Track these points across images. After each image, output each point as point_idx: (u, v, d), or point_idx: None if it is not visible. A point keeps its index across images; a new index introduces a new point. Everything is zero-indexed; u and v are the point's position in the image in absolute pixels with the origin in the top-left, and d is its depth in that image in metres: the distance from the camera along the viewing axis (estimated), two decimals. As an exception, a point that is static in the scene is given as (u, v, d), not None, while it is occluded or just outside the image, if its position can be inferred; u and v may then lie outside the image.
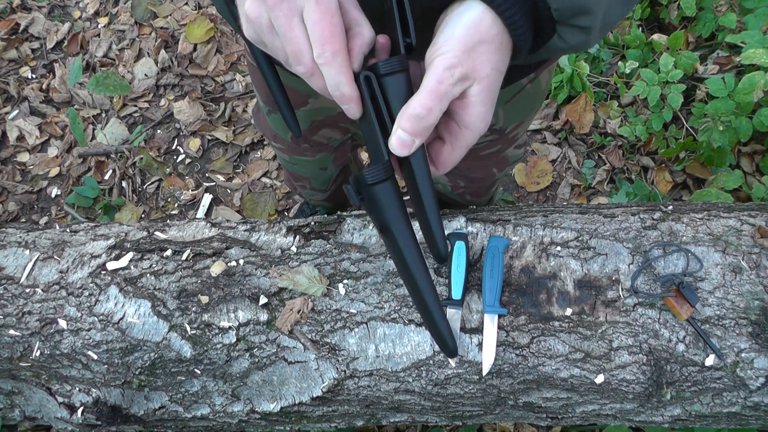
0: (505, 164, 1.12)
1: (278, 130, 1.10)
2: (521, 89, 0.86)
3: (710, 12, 1.75)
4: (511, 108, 0.90)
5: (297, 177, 1.33)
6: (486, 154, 1.04)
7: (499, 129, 0.95)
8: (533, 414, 0.96)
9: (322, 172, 1.27)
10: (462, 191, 1.20)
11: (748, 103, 1.45)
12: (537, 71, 0.84)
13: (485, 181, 1.18)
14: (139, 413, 0.98)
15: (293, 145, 1.12)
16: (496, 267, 0.88)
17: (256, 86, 1.02)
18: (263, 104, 1.03)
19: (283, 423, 1.00)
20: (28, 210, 2.01)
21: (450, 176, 1.14)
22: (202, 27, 2.18)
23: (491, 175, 1.16)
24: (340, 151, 1.19)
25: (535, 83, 0.88)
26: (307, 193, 1.45)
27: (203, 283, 0.94)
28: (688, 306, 0.84)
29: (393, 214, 0.54)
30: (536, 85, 0.88)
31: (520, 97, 0.88)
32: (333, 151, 1.16)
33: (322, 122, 0.98)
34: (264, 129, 1.16)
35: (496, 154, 1.05)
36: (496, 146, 1.02)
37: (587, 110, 1.85)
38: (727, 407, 0.88)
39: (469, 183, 1.16)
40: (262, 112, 1.11)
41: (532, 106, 0.94)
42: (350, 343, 0.90)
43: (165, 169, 2.00)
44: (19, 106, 2.16)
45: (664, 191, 1.73)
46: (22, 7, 2.38)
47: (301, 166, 1.23)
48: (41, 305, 0.96)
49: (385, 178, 0.52)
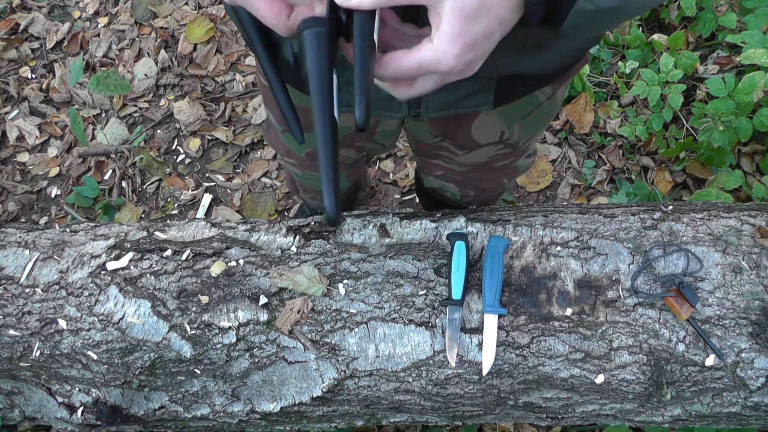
0: (515, 174, 1.12)
1: (292, 147, 1.09)
2: (538, 106, 0.85)
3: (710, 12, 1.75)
4: (526, 123, 0.89)
5: (308, 190, 1.32)
6: (498, 166, 1.03)
7: (513, 143, 0.95)
8: (533, 414, 0.96)
9: None
10: (471, 200, 1.20)
11: (748, 103, 1.45)
12: (554, 86, 0.83)
13: (495, 191, 1.18)
14: (139, 413, 0.98)
15: (307, 161, 1.11)
16: (496, 267, 0.88)
17: (268, 105, 1.01)
18: (277, 123, 1.02)
19: (283, 423, 1.00)
20: (28, 210, 2.00)
21: (460, 186, 1.14)
22: (202, 27, 2.18)
23: (501, 185, 1.15)
24: (354, 168, 1.19)
25: (552, 100, 0.86)
26: (316, 204, 1.45)
27: (203, 283, 0.94)
28: (688, 306, 0.84)
29: (313, 61, 0.52)
30: (553, 102, 0.87)
31: (537, 113, 0.87)
32: (347, 168, 1.16)
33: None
34: (276, 145, 1.15)
35: (508, 166, 1.05)
36: (508, 159, 1.01)
37: (587, 110, 1.85)
38: (727, 407, 0.88)
39: (479, 193, 1.16)
40: (273, 128, 1.10)
41: (547, 120, 0.93)
42: (350, 343, 0.90)
43: (165, 169, 2.00)
44: (19, 106, 2.16)
45: (664, 191, 1.73)
46: (22, 7, 2.38)
47: (314, 181, 1.22)
48: (41, 305, 0.96)
49: (314, 25, 0.49)
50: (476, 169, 1.04)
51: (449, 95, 0.72)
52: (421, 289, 0.91)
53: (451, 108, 0.75)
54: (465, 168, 1.04)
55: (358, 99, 0.44)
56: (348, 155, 1.06)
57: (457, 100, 0.73)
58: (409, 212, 1.02)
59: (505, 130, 0.90)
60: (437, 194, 1.28)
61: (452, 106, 0.74)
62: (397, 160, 1.94)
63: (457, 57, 0.44)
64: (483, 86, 0.72)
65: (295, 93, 0.78)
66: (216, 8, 2.28)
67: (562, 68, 0.75)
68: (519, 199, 1.85)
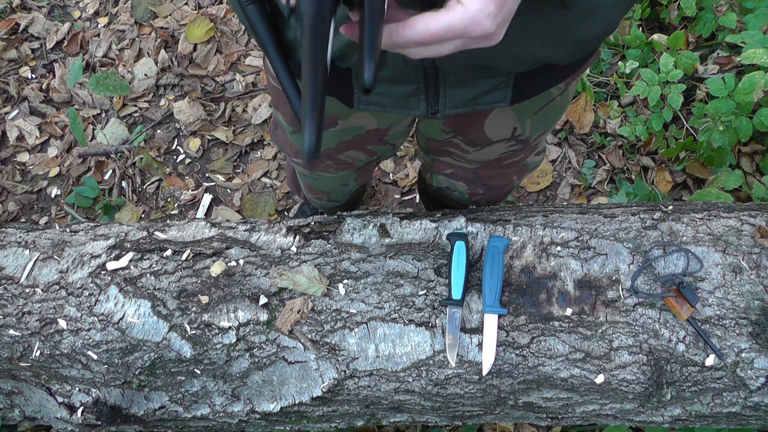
0: (525, 171, 1.12)
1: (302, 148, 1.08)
2: (551, 101, 0.85)
3: (710, 12, 1.75)
4: (539, 119, 0.89)
5: (315, 190, 1.32)
6: (509, 163, 1.03)
7: (525, 139, 0.94)
8: (533, 414, 0.96)
9: (343, 188, 1.26)
10: (480, 198, 1.19)
11: (748, 103, 1.45)
12: (567, 81, 0.82)
13: (504, 189, 1.17)
14: (139, 413, 0.98)
15: (316, 162, 1.11)
16: (496, 267, 0.88)
17: (277, 106, 1.01)
18: (287, 124, 1.02)
19: (283, 423, 1.00)
20: (28, 210, 2.00)
21: (469, 184, 1.13)
22: (202, 27, 2.18)
23: (510, 183, 1.15)
24: (364, 170, 1.18)
25: (564, 95, 0.86)
26: (321, 204, 1.44)
27: (203, 283, 0.94)
28: (688, 306, 0.84)
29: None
30: (565, 97, 0.87)
31: (549, 108, 0.87)
32: (356, 170, 1.15)
33: (349, 143, 0.97)
34: (284, 146, 1.15)
35: (518, 163, 1.05)
36: (519, 155, 1.01)
37: (587, 110, 1.85)
38: (727, 407, 0.88)
39: (488, 190, 1.16)
40: (281, 129, 1.09)
41: (558, 116, 0.93)
42: (350, 343, 0.90)
43: (165, 169, 2.00)
44: (19, 106, 2.16)
45: (664, 191, 1.73)
46: (22, 7, 2.38)
47: (322, 182, 1.21)
48: (41, 305, 0.96)
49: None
50: (486, 166, 1.04)
51: (468, 92, 0.72)
52: (421, 289, 0.91)
53: (468, 105, 0.75)
54: (475, 165, 1.04)
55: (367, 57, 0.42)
56: (358, 157, 1.06)
57: (475, 97, 0.73)
58: (409, 212, 1.02)
59: (517, 126, 0.90)
60: (443, 195, 1.28)
61: (470, 103, 0.74)
62: (397, 160, 1.94)
63: (492, 17, 0.41)
64: (501, 83, 0.72)
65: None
66: (216, 8, 2.28)
67: (578, 61, 0.74)
68: (519, 199, 1.85)
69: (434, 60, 0.66)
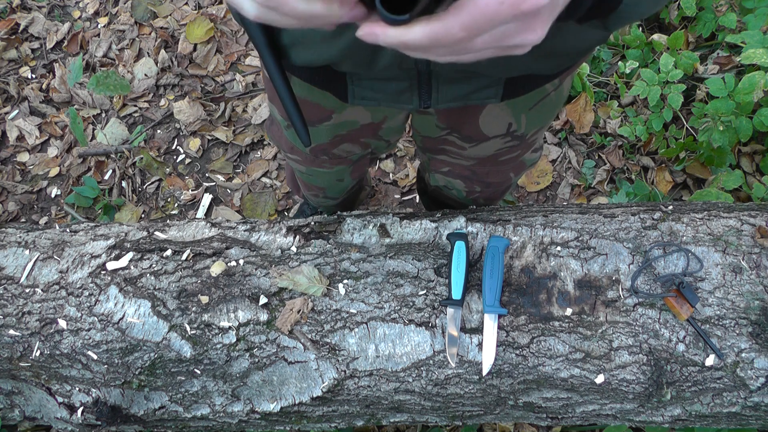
0: (522, 168, 1.12)
1: (296, 143, 1.09)
2: (546, 96, 0.86)
3: (710, 12, 1.75)
4: (534, 114, 0.89)
5: (311, 187, 1.32)
6: (505, 159, 1.03)
7: (521, 135, 0.95)
8: (533, 414, 0.96)
9: (339, 183, 1.27)
10: (477, 196, 1.20)
11: (748, 103, 1.45)
12: (561, 77, 0.83)
13: (501, 186, 1.18)
14: (139, 413, 0.98)
15: (311, 157, 1.11)
16: (496, 267, 0.88)
17: (272, 100, 1.01)
18: (281, 119, 1.03)
19: (283, 423, 1.00)
20: (28, 210, 2.00)
21: (467, 181, 1.13)
22: (202, 27, 2.18)
23: (508, 180, 1.15)
24: (358, 165, 1.19)
25: (559, 90, 0.87)
26: (318, 201, 1.45)
27: (203, 283, 0.94)
28: (688, 306, 0.84)
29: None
30: (559, 92, 0.87)
31: (544, 104, 0.87)
32: (351, 164, 1.16)
33: (344, 137, 0.98)
34: (279, 141, 1.15)
35: (515, 159, 1.05)
36: (516, 152, 1.01)
37: (587, 110, 1.85)
38: (727, 407, 0.88)
39: (485, 188, 1.16)
40: (277, 125, 1.10)
41: (554, 111, 0.93)
42: (350, 343, 0.90)
43: (165, 169, 2.00)
44: (19, 106, 2.16)
45: (664, 191, 1.73)
46: (22, 7, 2.38)
47: (318, 177, 1.22)
48: (41, 305, 0.96)
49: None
50: (483, 162, 1.04)
51: (460, 89, 0.74)
52: (421, 289, 0.91)
53: (460, 100, 0.76)
54: (472, 162, 1.04)
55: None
56: (353, 151, 1.06)
57: (467, 93, 0.74)
58: (409, 212, 1.02)
59: (512, 122, 0.90)
60: (442, 194, 1.28)
61: (462, 98, 0.75)
62: (397, 160, 1.94)
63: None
64: (492, 81, 0.73)
65: (303, 85, 0.80)
66: (216, 8, 2.28)
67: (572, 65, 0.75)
68: (519, 199, 1.85)
69: (429, 63, 0.67)
